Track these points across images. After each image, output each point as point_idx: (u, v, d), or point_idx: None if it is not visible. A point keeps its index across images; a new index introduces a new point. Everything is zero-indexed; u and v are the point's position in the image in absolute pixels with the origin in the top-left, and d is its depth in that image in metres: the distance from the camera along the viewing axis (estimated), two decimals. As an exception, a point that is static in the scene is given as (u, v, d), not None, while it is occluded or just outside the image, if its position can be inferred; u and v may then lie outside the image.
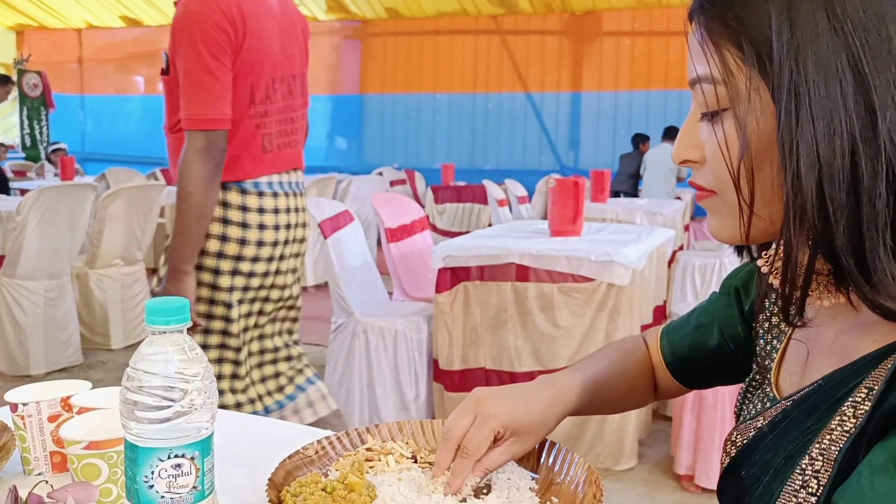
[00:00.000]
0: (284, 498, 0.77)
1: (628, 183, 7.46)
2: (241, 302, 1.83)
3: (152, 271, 5.72)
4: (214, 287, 1.79)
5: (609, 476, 2.61)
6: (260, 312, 1.90)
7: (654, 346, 0.95)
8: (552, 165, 9.24)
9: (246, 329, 1.87)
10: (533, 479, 0.86)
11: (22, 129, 9.52)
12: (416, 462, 0.88)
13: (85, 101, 11.06)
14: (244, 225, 1.79)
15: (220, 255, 1.78)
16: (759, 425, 0.65)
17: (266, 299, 1.90)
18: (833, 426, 0.56)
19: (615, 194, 6.94)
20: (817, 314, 0.65)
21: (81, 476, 0.78)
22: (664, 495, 2.53)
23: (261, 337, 1.94)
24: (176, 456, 0.65)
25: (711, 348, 0.88)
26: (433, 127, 10.03)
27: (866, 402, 0.54)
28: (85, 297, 4.08)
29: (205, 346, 1.80)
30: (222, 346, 1.83)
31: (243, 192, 1.79)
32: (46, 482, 0.77)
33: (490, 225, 6.03)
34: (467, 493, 0.80)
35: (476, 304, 2.77)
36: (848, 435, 0.54)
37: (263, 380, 1.94)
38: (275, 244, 1.84)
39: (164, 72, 1.78)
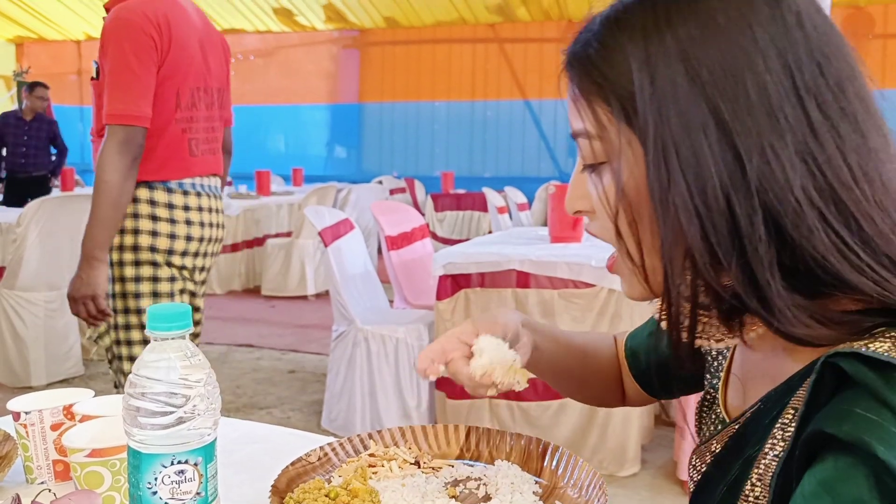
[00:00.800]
0: (288, 504, 0.77)
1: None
2: (182, 292, 1.95)
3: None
4: (156, 279, 1.89)
5: (612, 482, 2.60)
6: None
7: (620, 347, 0.95)
8: (551, 172, 9.25)
9: None
10: (536, 483, 0.86)
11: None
12: (419, 468, 0.88)
13: (84, 112, 11.06)
14: (172, 221, 1.90)
15: (153, 250, 1.88)
16: (714, 449, 0.66)
17: (193, 294, 2.01)
18: (766, 450, 0.56)
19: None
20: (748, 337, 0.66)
21: (84, 484, 0.78)
22: (668, 501, 2.52)
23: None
24: (179, 462, 0.65)
25: (665, 356, 0.88)
26: (432, 135, 10.04)
27: (792, 424, 0.54)
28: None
29: (129, 343, 1.89)
30: (146, 342, 1.91)
31: (169, 191, 1.90)
32: (49, 490, 0.77)
33: (490, 232, 6.03)
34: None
35: (477, 310, 2.77)
36: (778, 459, 0.54)
37: None
38: (200, 240, 1.96)
39: (95, 78, 1.89)
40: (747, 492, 0.57)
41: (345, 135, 10.47)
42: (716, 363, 0.75)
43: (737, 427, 0.63)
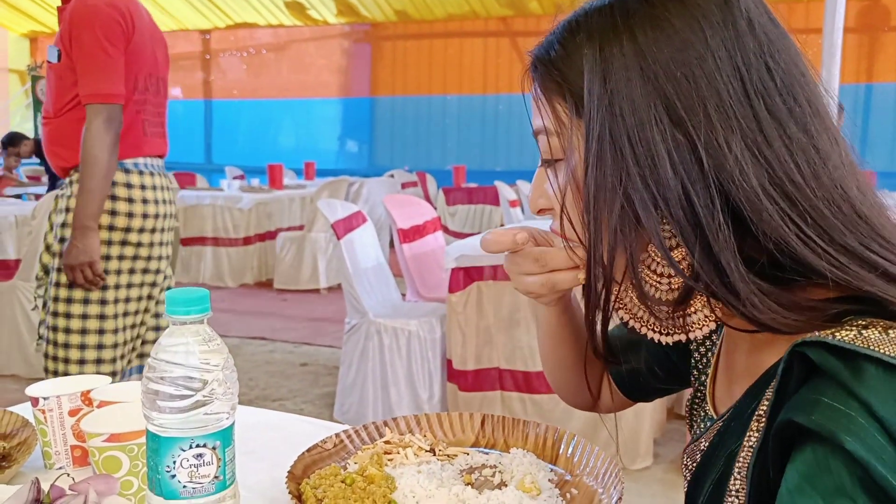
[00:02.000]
0: (304, 490, 0.78)
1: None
2: (132, 271, 2.05)
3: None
4: (107, 258, 2.00)
5: (624, 475, 2.59)
6: (141, 285, 2.11)
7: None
8: (563, 166, 9.21)
9: (138, 298, 2.09)
10: (552, 470, 0.86)
11: (36, 134, 9.62)
12: (434, 455, 0.88)
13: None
14: (130, 200, 2.02)
15: (112, 228, 2.00)
16: (703, 447, 0.67)
17: (156, 271, 2.12)
18: (744, 443, 0.57)
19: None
20: (729, 335, 0.68)
21: (103, 468, 0.79)
22: (680, 495, 2.51)
23: (146, 310, 2.16)
24: (197, 446, 0.65)
25: (649, 352, 0.85)
26: (444, 129, 10.03)
27: (765, 417, 0.55)
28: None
29: (68, 315, 1.99)
30: (101, 317, 2.02)
31: (126, 171, 2.02)
32: (68, 475, 0.78)
33: (502, 225, 6.02)
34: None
35: (489, 303, 2.77)
36: (753, 450, 0.55)
37: (131, 343, 2.14)
38: (156, 216, 2.08)
39: (54, 60, 2.00)
40: (730, 487, 0.58)
41: (356, 129, 10.47)
42: (704, 360, 0.75)
43: (721, 423, 0.64)
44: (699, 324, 0.60)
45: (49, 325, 2.02)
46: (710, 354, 0.75)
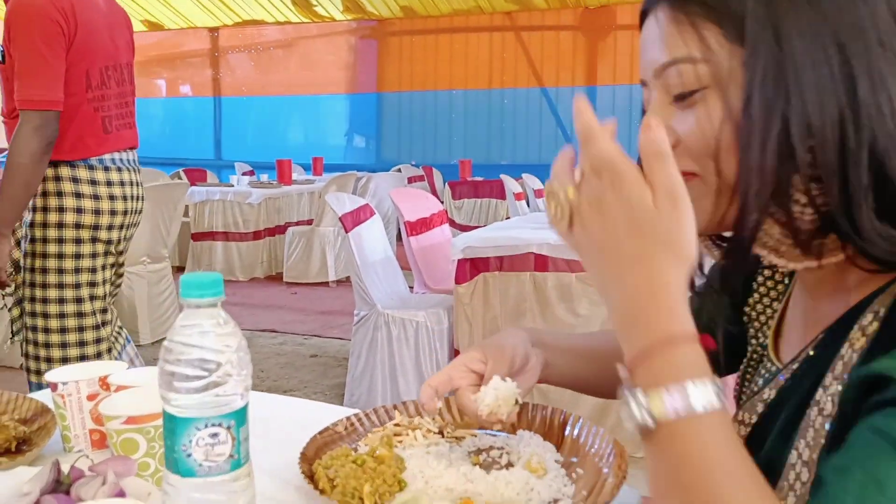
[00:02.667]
0: (316, 470, 0.80)
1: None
2: (104, 267, 2.08)
3: (179, 269, 5.80)
4: (78, 256, 2.01)
5: (629, 463, 2.60)
6: (113, 283, 2.16)
7: None
8: (569, 160, 9.19)
9: (103, 296, 2.10)
10: (558, 451, 0.88)
11: None
12: (443, 437, 0.90)
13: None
14: (96, 197, 2.02)
15: (79, 226, 2.00)
16: (766, 397, 0.66)
17: (116, 265, 2.15)
18: (843, 352, 0.58)
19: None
20: (802, 283, 0.68)
21: (121, 450, 0.81)
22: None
23: (111, 298, 2.20)
24: (212, 425, 0.67)
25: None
26: (450, 123, 10.03)
27: (874, 323, 0.56)
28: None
29: (45, 315, 2.00)
30: (79, 314, 2.04)
31: (90, 168, 2.01)
32: (87, 457, 0.80)
33: (508, 218, 6.03)
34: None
35: (496, 294, 2.79)
36: (861, 350, 0.56)
37: (101, 340, 2.15)
38: (124, 213, 2.09)
39: (1, 62, 1.97)
40: (819, 396, 0.58)
41: (363, 124, 10.49)
42: (763, 316, 0.76)
43: (793, 369, 0.64)
44: (831, 254, 0.60)
45: (27, 325, 2.02)
46: (774, 305, 0.75)
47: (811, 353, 0.63)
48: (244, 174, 7.99)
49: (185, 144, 10.78)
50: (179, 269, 5.86)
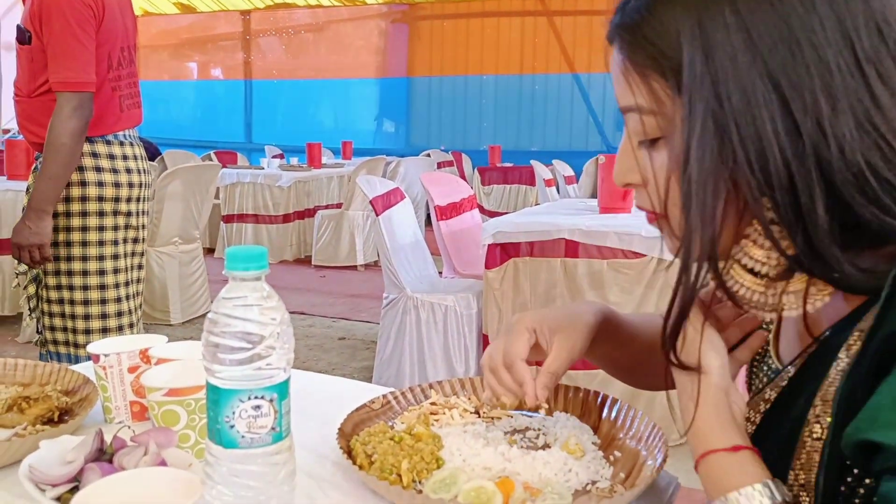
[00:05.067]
0: (354, 446, 0.80)
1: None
2: (125, 241, 2.14)
3: (209, 250, 5.87)
4: (101, 228, 2.07)
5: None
6: (133, 254, 2.20)
7: None
8: (599, 146, 9.12)
9: (125, 269, 2.16)
10: (595, 433, 0.87)
11: None
12: (479, 416, 0.90)
13: (141, 86, 11.31)
14: (114, 170, 2.09)
15: (101, 199, 2.07)
16: (768, 397, 0.66)
17: (136, 240, 2.21)
18: (831, 372, 0.57)
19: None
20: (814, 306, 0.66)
21: (162, 422, 0.82)
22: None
23: (139, 272, 2.26)
24: (255, 398, 0.68)
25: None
26: (480, 109, 9.99)
27: (858, 342, 0.55)
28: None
29: (71, 287, 2.05)
30: (102, 287, 2.09)
31: (108, 143, 2.09)
32: (129, 427, 0.81)
33: (537, 204, 6.00)
34: (538, 403, 0.81)
35: (525, 280, 2.77)
36: (843, 373, 0.55)
37: (122, 314, 2.20)
38: (140, 185, 2.17)
39: (23, 42, 2.02)
40: (810, 417, 0.58)
41: (393, 109, 10.49)
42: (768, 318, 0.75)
43: (793, 369, 0.64)
44: (798, 302, 0.59)
45: (51, 299, 2.07)
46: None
47: (805, 362, 0.63)
48: (274, 157, 8.05)
49: (215, 127, 10.87)
50: (209, 251, 5.93)
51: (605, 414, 0.89)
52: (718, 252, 0.58)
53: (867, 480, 0.53)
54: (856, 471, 0.54)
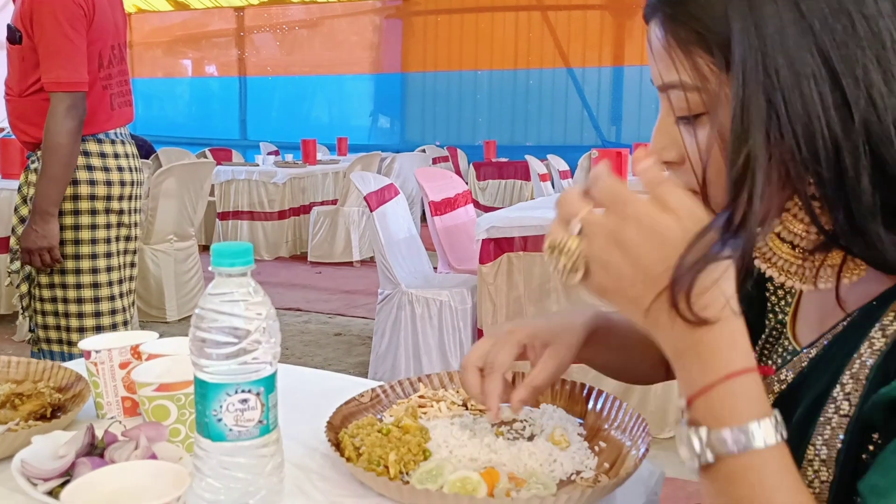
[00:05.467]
0: (342, 439, 0.81)
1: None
2: (118, 239, 2.13)
3: (204, 248, 5.88)
4: (94, 227, 2.06)
5: (652, 444, 2.60)
6: (125, 252, 2.19)
7: None
8: (594, 141, 9.12)
9: (118, 267, 2.15)
10: (581, 425, 0.88)
11: None
12: (467, 409, 0.91)
13: (135, 84, 11.23)
14: (106, 169, 2.08)
15: (93, 198, 2.06)
16: (784, 377, 0.66)
17: (129, 238, 2.20)
18: (863, 350, 0.57)
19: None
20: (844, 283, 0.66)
21: (152, 417, 0.83)
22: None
23: (132, 270, 2.24)
24: (242, 391, 0.69)
25: None
26: (475, 104, 9.98)
27: (895, 322, 0.55)
28: (140, 272, 4.19)
29: (64, 286, 2.05)
30: (95, 285, 2.09)
31: (99, 141, 2.09)
32: (120, 422, 0.82)
33: (532, 199, 6.01)
34: (511, 417, 0.82)
35: (519, 274, 2.79)
36: (879, 353, 0.55)
37: (116, 312, 2.20)
38: (132, 183, 2.16)
39: (13, 41, 2.01)
40: (836, 394, 0.57)
41: (388, 104, 10.48)
42: (782, 302, 0.74)
43: (814, 351, 0.63)
44: (832, 275, 0.59)
45: (44, 298, 2.07)
46: (788, 296, 0.74)
47: (829, 342, 0.62)
48: (269, 154, 8.04)
49: (210, 124, 10.85)
50: (205, 248, 5.93)
51: (591, 405, 0.90)
52: (761, 225, 0.57)
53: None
54: (876, 436, 0.53)
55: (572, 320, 0.84)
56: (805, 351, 0.64)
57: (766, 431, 0.50)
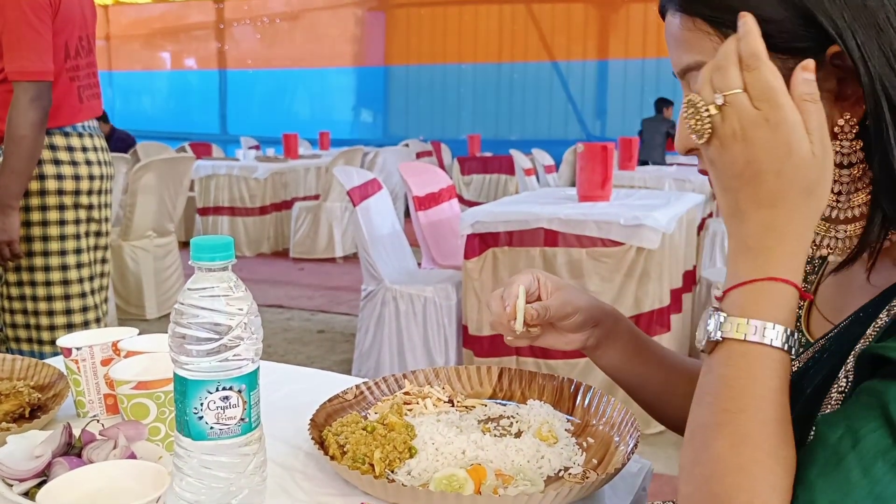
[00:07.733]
0: (326, 437, 0.80)
1: (657, 151, 7.32)
2: (87, 234, 2.09)
3: (184, 244, 5.81)
4: (63, 222, 2.03)
5: (641, 440, 2.61)
6: (96, 248, 2.16)
7: None
8: (578, 134, 9.15)
9: (88, 263, 2.11)
10: (568, 420, 0.87)
11: None
12: (452, 406, 0.90)
13: (113, 77, 11.13)
14: (74, 163, 2.04)
15: (61, 193, 2.02)
16: (794, 368, 0.66)
17: (99, 233, 2.15)
18: (868, 333, 0.58)
19: (643, 163, 6.85)
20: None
21: (131, 415, 0.81)
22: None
23: (103, 266, 2.21)
24: (224, 388, 0.67)
25: None
26: (458, 98, 9.97)
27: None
28: (119, 269, 4.15)
29: (33, 283, 2.01)
30: (65, 282, 2.06)
31: (66, 135, 2.03)
32: (98, 421, 0.80)
33: (517, 193, 6.01)
34: (521, 329, 0.82)
35: (505, 270, 2.78)
36: (877, 331, 0.56)
37: (88, 309, 2.16)
38: (101, 178, 2.12)
39: None
40: (839, 375, 0.58)
41: (371, 98, 10.44)
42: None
43: (824, 342, 0.64)
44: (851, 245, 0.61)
45: (12, 296, 2.03)
46: (809, 278, 0.75)
47: (839, 329, 0.63)
48: (250, 148, 7.98)
49: (189, 118, 10.76)
50: (185, 245, 5.87)
51: (578, 401, 0.90)
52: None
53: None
54: (848, 380, 0.56)
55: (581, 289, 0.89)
56: (818, 342, 0.65)
57: (776, 334, 0.54)
